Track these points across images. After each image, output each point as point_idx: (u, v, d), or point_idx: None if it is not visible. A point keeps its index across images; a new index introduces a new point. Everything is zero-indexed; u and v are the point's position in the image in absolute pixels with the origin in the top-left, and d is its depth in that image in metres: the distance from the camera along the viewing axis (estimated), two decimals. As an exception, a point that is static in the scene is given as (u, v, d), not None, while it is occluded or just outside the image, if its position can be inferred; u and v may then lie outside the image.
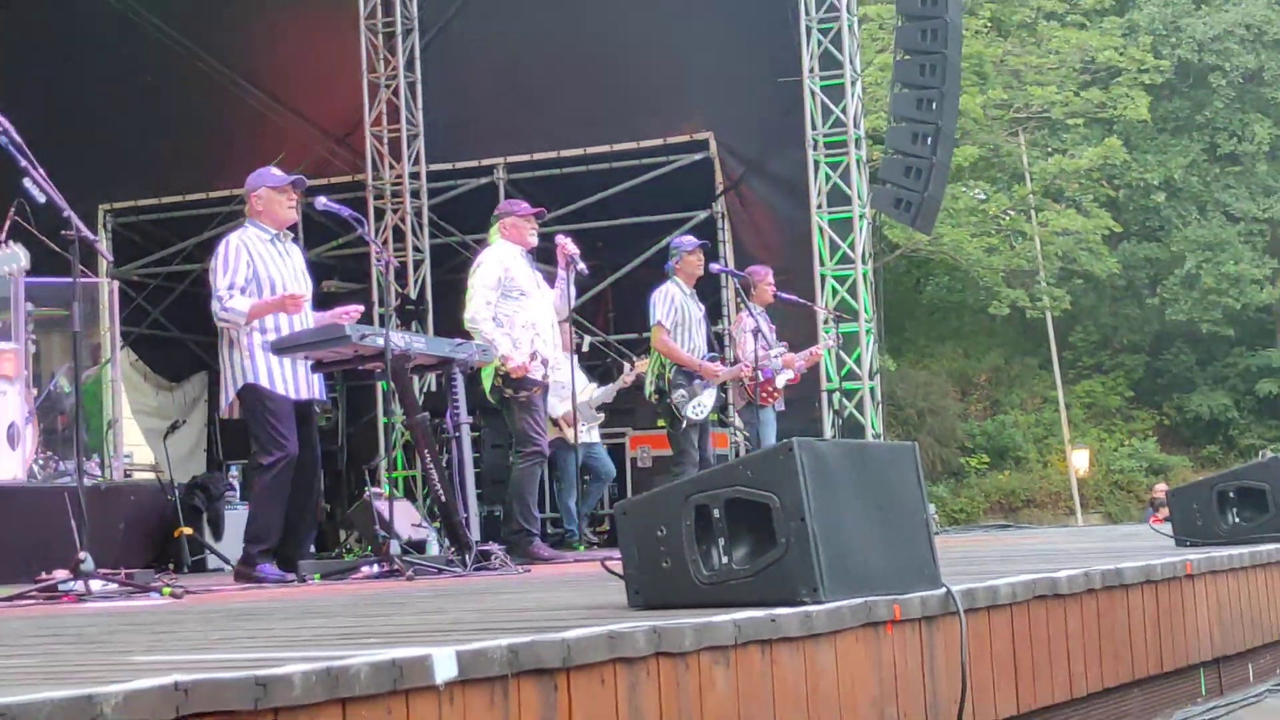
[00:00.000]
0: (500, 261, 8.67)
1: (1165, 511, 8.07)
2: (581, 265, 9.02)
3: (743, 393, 10.92)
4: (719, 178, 14.82)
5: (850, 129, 14.20)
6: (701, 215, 14.73)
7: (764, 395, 10.76)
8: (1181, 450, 31.97)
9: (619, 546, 3.76)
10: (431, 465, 7.43)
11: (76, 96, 15.14)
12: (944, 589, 3.80)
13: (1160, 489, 21.11)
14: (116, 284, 13.29)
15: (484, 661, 2.54)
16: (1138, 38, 31.44)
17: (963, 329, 34.95)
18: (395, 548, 7.19)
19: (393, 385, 7.53)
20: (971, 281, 31.13)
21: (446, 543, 7.56)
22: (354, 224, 7.73)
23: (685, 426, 9.97)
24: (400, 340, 7.19)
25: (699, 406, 9.97)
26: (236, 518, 10.71)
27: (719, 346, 11.56)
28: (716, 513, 3.58)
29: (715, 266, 11.08)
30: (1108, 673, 4.61)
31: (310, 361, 7.32)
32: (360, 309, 7.53)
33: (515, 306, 8.61)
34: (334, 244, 14.73)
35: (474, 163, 15.45)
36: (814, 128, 14.29)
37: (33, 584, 6.10)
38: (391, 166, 15.36)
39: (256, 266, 7.36)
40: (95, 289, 12.32)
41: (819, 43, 14.30)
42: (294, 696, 2.22)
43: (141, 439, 15.25)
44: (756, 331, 10.52)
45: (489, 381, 8.62)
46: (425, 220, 15.43)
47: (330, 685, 2.27)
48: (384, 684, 2.36)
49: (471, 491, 7.77)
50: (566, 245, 8.91)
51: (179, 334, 16.63)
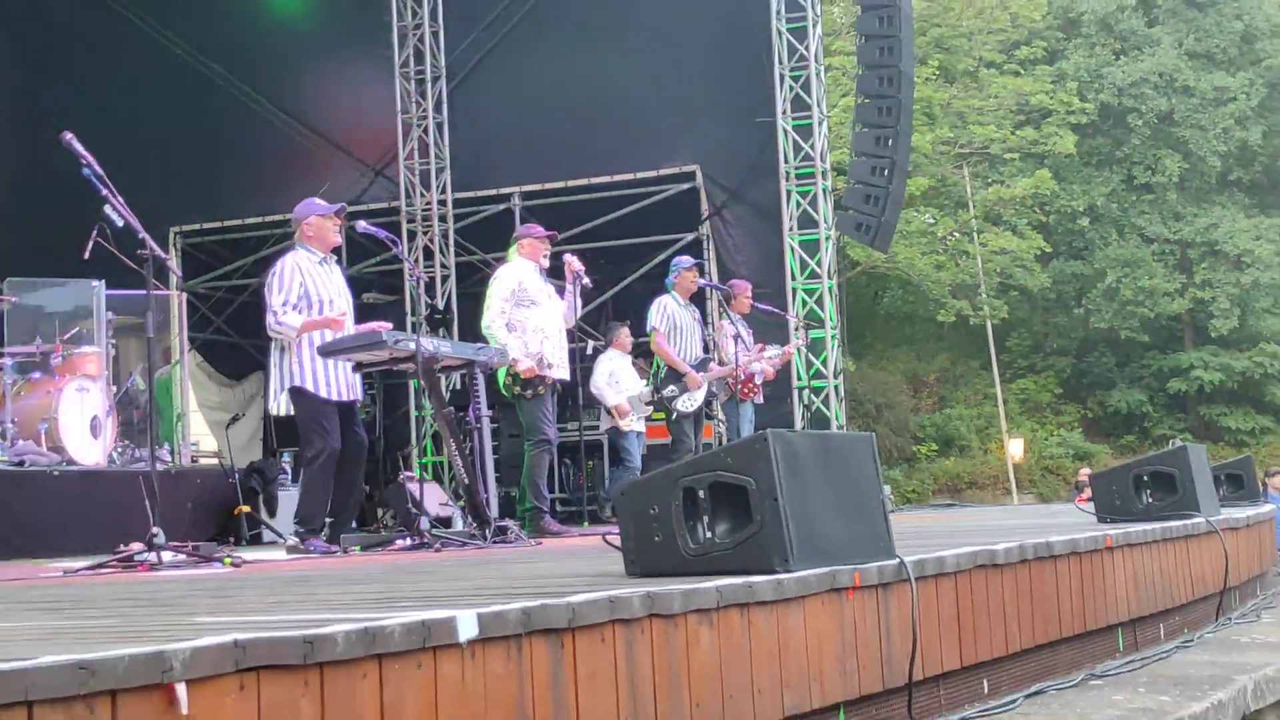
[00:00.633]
0: (515, 276, 8.68)
1: (1089, 492, 8.05)
2: (586, 280, 9.02)
3: (725, 389, 10.92)
4: (704, 204, 14.81)
5: (818, 162, 14.21)
6: (689, 237, 14.73)
7: (744, 391, 10.75)
8: (1103, 440, 31.94)
9: (618, 523, 3.76)
10: (456, 452, 7.43)
11: (149, 133, 15.11)
12: (898, 559, 3.80)
13: (1084, 473, 21.06)
14: (185, 296, 13.28)
15: (501, 622, 2.54)
16: (1066, 84, 31.44)
17: (915, 335, 34.92)
18: (425, 523, 7.16)
19: (423, 383, 7.53)
20: (922, 294, 31.11)
21: (469, 519, 7.56)
22: (390, 244, 7.72)
23: (677, 418, 9.97)
24: (429, 345, 7.19)
25: (689, 401, 9.97)
26: (288, 498, 10.70)
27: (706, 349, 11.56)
28: (701, 494, 3.58)
29: (701, 280, 11.07)
30: (1039, 631, 4.61)
31: (351, 363, 7.32)
32: (389, 325, 7.53)
33: (527, 314, 8.62)
34: (373, 261, 14.71)
35: (493, 191, 15.45)
36: (786, 161, 14.30)
37: (112, 555, 6.11)
38: (422, 195, 15.36)
39: (307, 285, 7.36)
40: (166, 300, 12.32)
41: (790, 88, 14.31)
42: (337, 652, 2.22)
43: (206, 429, 15.23)
44: (736, 337, 10.53)
45: (502, 379, 8.65)
46: (451, 241, 15.44)
47: (368, 643, 2.27)
48: (415, 642, 2.36)
49: (491, 475, 7.78)
50: (573, 263, 8.91)
51: (239, 339, 16.60)
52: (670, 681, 2.94)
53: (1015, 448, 29.61)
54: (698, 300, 11.09)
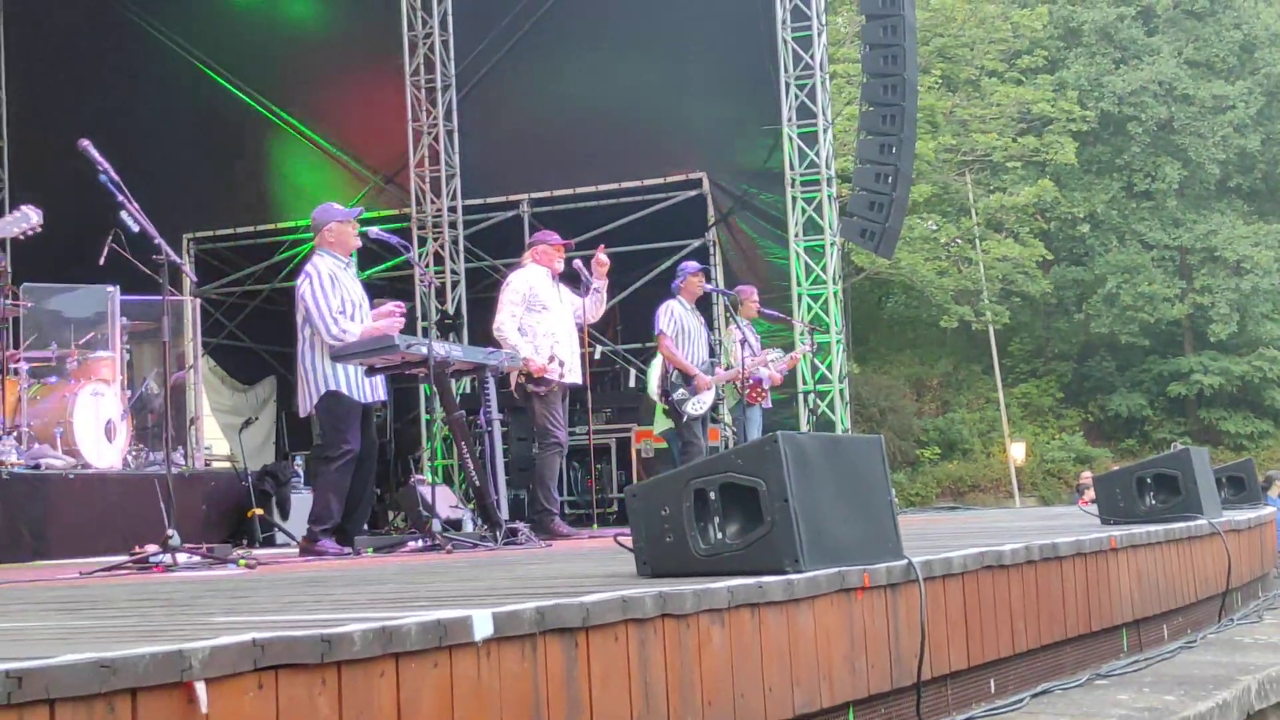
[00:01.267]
0: (526, 281, 8.67)
1: (1091, 494, 8.04)
2: (596, 283, 9.00)
3: (734, 393, 10.90)
4: (711, 211, 14.81)
5: (823, 169, 14.21)
6: (696, 243, 14.74)
7: (751, 395, 10.73)
8: (1104, 443, 31.92)
9: (629, 524, 3.75)
10: (467, 455, 7.42)
11: (165, 140, 15.16)
12: (906, 560, 3.78)
13: (1086, 476, 21.05)
14: (199, 301, 13.28)
15: (515, 621, 2.53)
16: (1066, 92, 31.44)
17: (918, 340, 34.92)
18: (436, 526, 7.15)
19: (434, 387, 7.51)
20: (925, 300, 31.12)
21: (480, 521, 7.54)
22: (401, 250, 7.71)
23: (687, 420, 9.97)
24: (441, 349, 7.18)
25: (698, 404, 9.96)
26: (301, 500, 10.70)
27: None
28: (712, 495, 3.56)
29: (707, 286, 11.06)
30: (1044, 631, 4.59)
31: (364, 367, 7.30)
32: (403, 305, 7.57)
33: (538, 319, 8.60)
34: (384, 266, 14.72)
35: (502, 198, 15.45)
36: (792, 168, 14.30)
37: (128, 556, 6.10)
38: (433, 202, 15.36)
39: (341, 292, 7.33)
40: (180, 305, 12.31)
41: (796, 96, 14.31)
42: (354, 651, 2.21)
43: (220, 433, 15.24)
44: (744, 342, 10.49)
45: (514, 378, 8.62)
46: (461, 247, 15.44)
47: (385, 641, 2.26)
48: (430, 641, 2.34)
49: (501, 478, 7.76)
50: (600, 257, 8.91)
51: (251, 344, 16.63)
52: (682, 680, 2.93)
53: (1017, 451, 29.60)
54: (703, 306, 11.08)
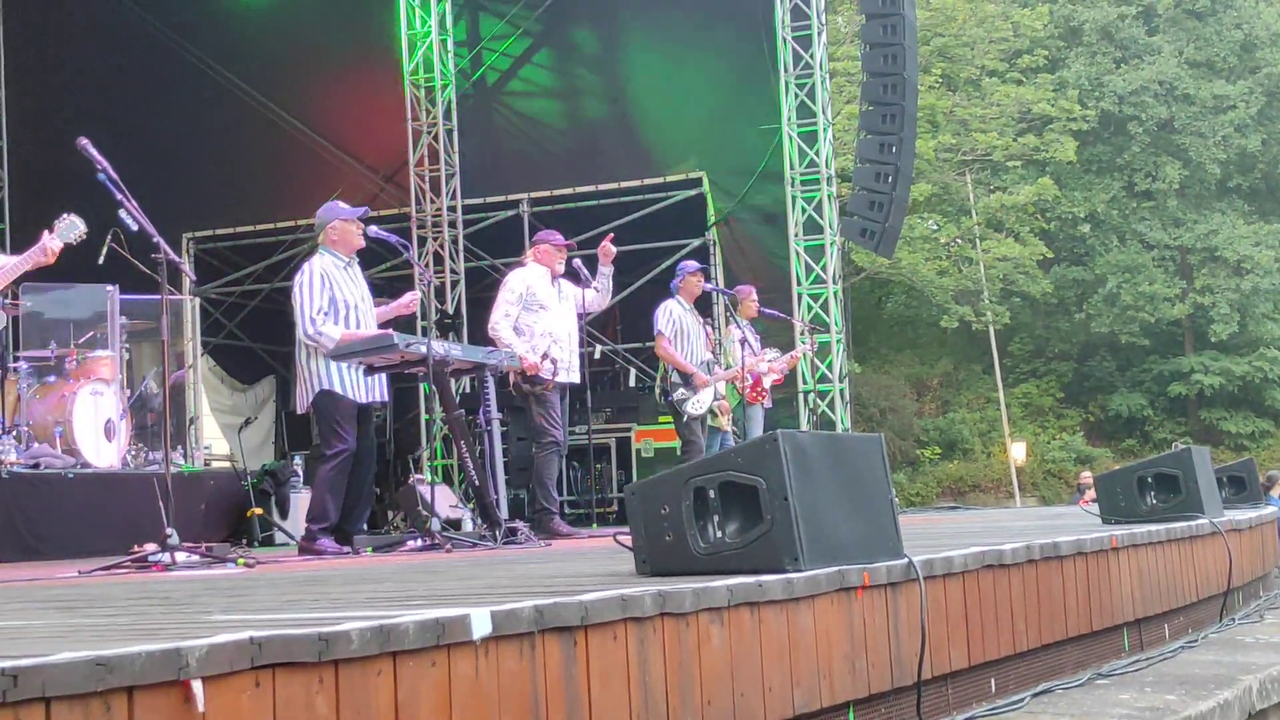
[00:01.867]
0: (524, 280, 8.67)
1: (1091, 494, 8.04)
2: (594, 283, 9.01)
3: (734, 393, 10.88)
4: (711, 210, 14.80)
5: (822, 169, 14.21)
6: (696, 242, 14.73)
7: (752, 395, 10.72)
8: (1104, 443, 31.90)
9: (628, 523, 3.74)
10: (466, 455, 7.41)
11: (164, 139, 15.13)
12: (906, 559, 3.78)
13: (1087, 476, 21.03)
14: (198, 300, 13.29)
15: (514, 620, 2.52)
16: (1067, 92, 31.39)
17: (918, 339, 34.90)
18: (435, 525, 7.14)
19: (433, 387, 7.51)
20: (925, 299, 31.08)
21: (479, 520, 7.53)
22: (401, 250, 7.70)
23: (687, 419, 9.96)
24: (440, 348, 7.17)
25: (698, 403, 9.95)
26: (300, 500, 10.69)
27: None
28: (712, 494, 3.56)
29: (707, 285, 11.05)
30: (1045, 631, 4.59)
31: (363, 366, 7.29)
32: (417, 295, 7.62)
33: (535, 318, 8.61)
34: (384, 266, 14.71)
35: (502, 198, 15.45)
36: (791, 168, 14.30)
37: (126, 555, 6.09)
38: (432, 201, 15.35)
39: (333, 291, 7.32)
40: (180, 305, 12.31)
41: (795, 95, 14.31)
42: (352, 650, 2.20)
43: (219, 433, 15.25)
44: (744, 341, 10.48)
45: (512, 377, 8.63)
46: (460, 247, 15.43)
47: (383, 640, 2.25)
48: (429, 639, 2.34)
49: (501, 477, 7.76)
50: (607, 246, 8.92)
51: (251, 343, 16.62)
52: (682, 679, 2.92)
53: (1018, 451, 29.58)
54: (703, 305, 11.08)
